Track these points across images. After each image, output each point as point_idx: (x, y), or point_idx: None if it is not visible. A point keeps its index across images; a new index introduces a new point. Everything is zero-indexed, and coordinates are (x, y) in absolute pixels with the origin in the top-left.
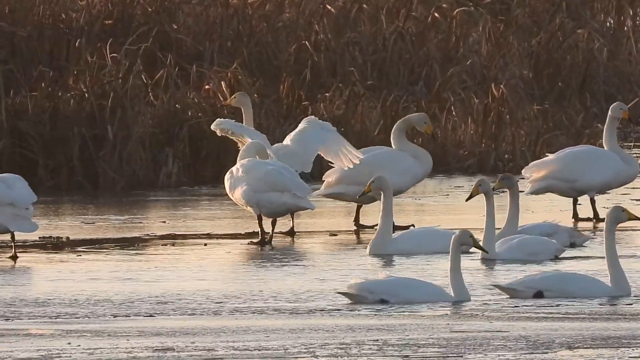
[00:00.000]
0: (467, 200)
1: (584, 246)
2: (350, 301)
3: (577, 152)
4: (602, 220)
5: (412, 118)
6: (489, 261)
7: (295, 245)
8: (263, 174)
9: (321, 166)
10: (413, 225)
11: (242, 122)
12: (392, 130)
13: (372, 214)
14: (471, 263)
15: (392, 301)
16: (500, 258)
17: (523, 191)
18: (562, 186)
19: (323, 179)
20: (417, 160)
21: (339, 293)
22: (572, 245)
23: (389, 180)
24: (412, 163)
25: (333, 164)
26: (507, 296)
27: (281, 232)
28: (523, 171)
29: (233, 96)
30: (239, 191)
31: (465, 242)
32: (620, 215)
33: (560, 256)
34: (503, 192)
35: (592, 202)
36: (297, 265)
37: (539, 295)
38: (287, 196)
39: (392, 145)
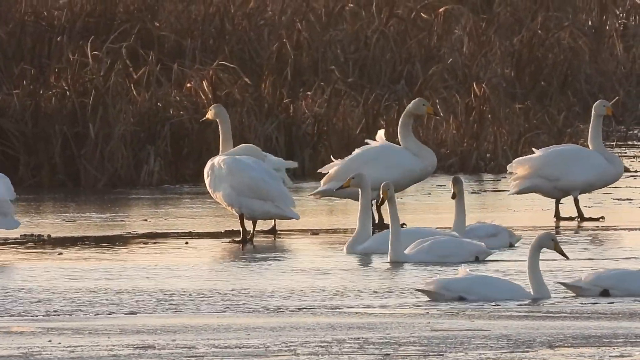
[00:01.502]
0: (453, 197)
1: (517, 246)
2: (428, 298)
3: (561, 150)
4: (587, 219)
5: (410, 108)
6: (397, 263)
7: (277, 244)
8: (247, 180)
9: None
10: (404, 224)
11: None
12: (398, 127)
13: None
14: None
15: (470, 299)
16: (411, 260)
17: (507, 190)
18: (546, 186)
19: (320, 171)
20: (419, 157)
21: (418, 290)
22: (510, 246)
23: (369, 178)
24: (410, 159)
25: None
26: None
27: (263, 231)
28: (508, 166)
29: (210, 108)
30: (222, 192)
31: (545, 244)
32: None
33: (485, 259)
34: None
35: (576, 201)
36: (278, 263)
37: (605, 293)
38: (270, 205)
39: (399, 142)
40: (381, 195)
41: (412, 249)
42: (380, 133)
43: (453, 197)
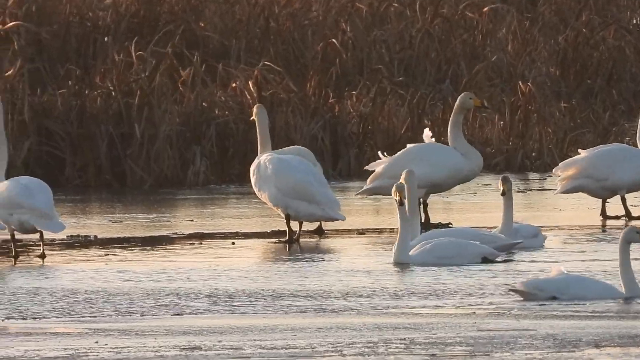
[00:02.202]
0: (502, 194)
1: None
2: (521, 298)
3: (608, 150)
4: (635, 218)
5: (458, 104)
6: (402, 265)
7: (323, 244)
8: (292, 182)
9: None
10: (451, 224)
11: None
12: (449, 126)
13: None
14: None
15: (563, 298)
16: (414, 262)
17: (553, 189)
18: (593, 186)
19: (366, 168)
20: (466, 158)
21: (511, 290)
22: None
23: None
24: (458, 159)
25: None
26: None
27: (309, 231)
28: (554, 170)
29: (254, 108)
30: (267, 192)
31: (631, 238)
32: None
33: (494, 260)
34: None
35: (623, 200)
36: (324, 264)
37: None
38: (316, 207)
39: (448, 141)
40: (396, 198)
41: (415, 250)
42: (427, 132)
43: (503, 194)
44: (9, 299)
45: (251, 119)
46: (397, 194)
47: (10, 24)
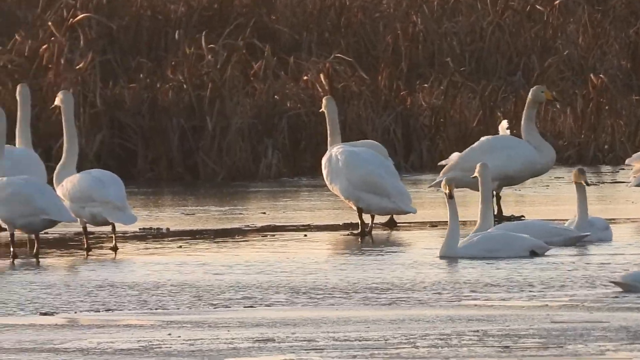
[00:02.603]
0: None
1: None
2: (621, 290)
3: None
4: None
5: (530, 97)
6: (449, 258)
7: (396, 237)
8: (364, 175)
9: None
10: (523, 216)
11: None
12: (522, 119)
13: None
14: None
15: None
16: (461, 255)
17: (626, 182)
18: None
19: (440, 164)
20: (539, 152)
21: (612, 282)
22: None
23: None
24: (532, 152)
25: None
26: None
27: (381, 223)
28: (627, 161)
29: (324, 100)
30: (339, 185)
31: None
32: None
33: (543, 254)
34: (600, 183)
35: None
36: (397, 256)
37: None
38: (387, 201)
39: (522, 134)
40: (445, 191)
41: (462, 244)
42: (504, 123)
43: (587, 184)
44: (81, 292)
45: (320, 110)
46: (447, 188)
47: (81, 16)
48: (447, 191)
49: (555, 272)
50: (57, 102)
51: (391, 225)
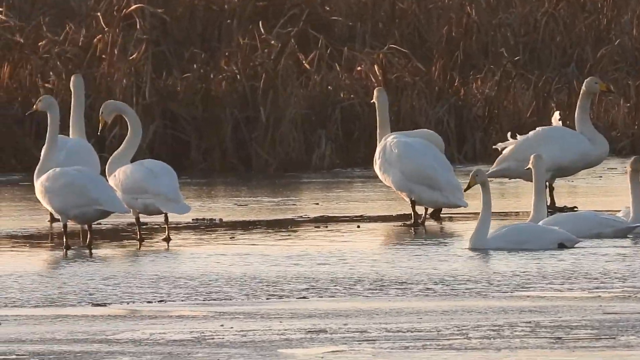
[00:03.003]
0: (465, 190)
1: None
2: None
3: None
4: None
5: (584, 89)
6: (479, 250)
7: (449, 228)
8: (416, 167)
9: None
10: (576, 208)
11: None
12: (577, 111)
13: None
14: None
15: None
16: (489, 247)
17: None
18: None
19: (495, 147)
20: (592, 143)
21: None
22: None
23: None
24: (585, 144)
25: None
26: None
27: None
28: None
29: (375, 91)
30: (392, 176)
31: None
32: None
33: (572, 246)
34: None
35: None
36: (449, 247)
37: None
38: (438, 194)
39: (575, 125)
40: (471, 182)
41: (490, 235)
42: (556, 115)
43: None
44: (133, 283)
45: (372, 101)
46: (471, 180)
47: (134, 6)
48: (469, 183)
49: (608, 264)
50: (36, 107)
51: (436, 216)
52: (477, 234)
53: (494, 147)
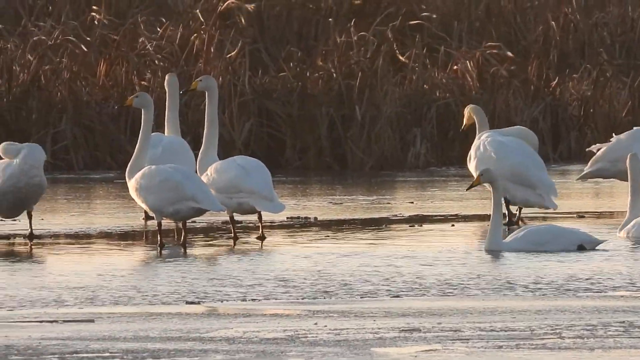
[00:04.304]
0: (467, 190)
1: None
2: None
3: None
4: None
5: None
6: (495, 252)
7: None
8: (512, 165)
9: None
10: None
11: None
12: None
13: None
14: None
15: None
16: (507, 249)
17: None
18: None
19: (588, 150)
20: None
21: None
22: None
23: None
24: None
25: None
26: None
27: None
28: None
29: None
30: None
31: None
32: None
33: (592, 248)
34: None
35: None
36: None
37: None
38: (531, 193)
39: None
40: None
41: (509, 237)
42: None
43: None
44: (228, 281)
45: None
46: (476, 179)
47: (229, 1)
48: (472, 182)
49: None
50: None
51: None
52: (491, 236)
53: (587, 149)
